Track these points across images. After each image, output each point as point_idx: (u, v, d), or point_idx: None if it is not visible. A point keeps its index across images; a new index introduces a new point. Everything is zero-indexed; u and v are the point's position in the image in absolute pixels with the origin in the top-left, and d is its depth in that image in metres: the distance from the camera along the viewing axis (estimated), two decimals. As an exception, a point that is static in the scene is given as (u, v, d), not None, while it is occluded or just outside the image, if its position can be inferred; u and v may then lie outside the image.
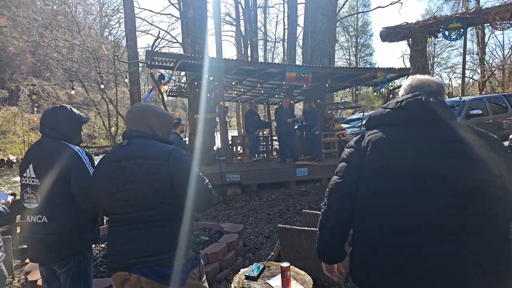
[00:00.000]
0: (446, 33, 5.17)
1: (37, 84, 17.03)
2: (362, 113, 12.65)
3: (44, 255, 1.89)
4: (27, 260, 3.48)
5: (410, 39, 5.52)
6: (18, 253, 4.57)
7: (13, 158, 20.25)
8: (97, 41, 25.13)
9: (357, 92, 26.59)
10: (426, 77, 1.42)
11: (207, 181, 1.64)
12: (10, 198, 3.07)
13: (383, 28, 5.65)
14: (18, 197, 3.58)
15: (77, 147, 2.01)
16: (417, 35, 5.40)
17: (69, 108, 2.09)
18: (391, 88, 10.06)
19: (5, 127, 21.42)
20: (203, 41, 8.93)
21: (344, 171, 1.34)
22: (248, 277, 2.19)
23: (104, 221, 4.91)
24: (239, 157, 8.91)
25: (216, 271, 3.21)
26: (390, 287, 1.18)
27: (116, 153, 1.61)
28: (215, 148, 9.86)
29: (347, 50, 36.79)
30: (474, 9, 5.16)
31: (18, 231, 5.14)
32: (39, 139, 2.04)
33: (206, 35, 9.19)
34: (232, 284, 2.16)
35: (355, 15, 32.90)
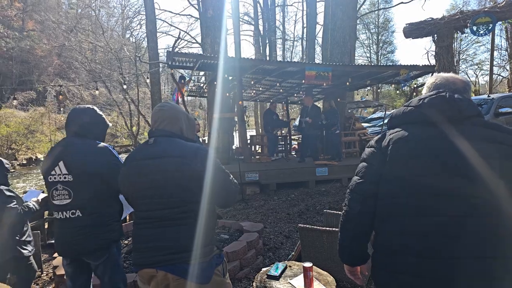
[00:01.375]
0: (474, 28, 4.97)
1: (63, 85, 17.61)
2: (383, 112, 12.38)
3: (79, 248, 1.95)
4: (55, 255, 3.60)
5: (435, 35, 5.34)
6: (46, 248, 4.75)
7: (40, 156, 21.04)
8: (119, 43, 25.78)
9: (378, 90, 26.04)
10: (450, 74, 1.37)
11: (232, 176, 1.66)
12: (41, 196, 3.20)
13: (406, 24, 5.50)
14: (46, 194, 3.73)
15: (106, 144, 2.09)
16: (442, 30, 5.21)
17: (96, 109, 2.17)
18: (415, 86, 9.77)
19: (33, 127, 22.27)
20: (222, 41, 8.98)
21: (364, 171, 1.31)
22: (270, 276, 2.18)
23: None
24: (257, 156, 8.91)
25: (236, 270, 3.22)
26: None
27: (143, 151, 1.63)
28: (233, 147, 9.90)
29: (368, 48, 36.08)
30: (504, 3, 4.94)
31: (46, 226, 5.35)
32: (63, 138, 2.10)
33: (225, 35, 9.24)
34: (254, 283, 2.15)
35: (376, 12, 32.21)
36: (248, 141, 8.98)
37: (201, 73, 9.91)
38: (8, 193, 2.73)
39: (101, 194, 1.97)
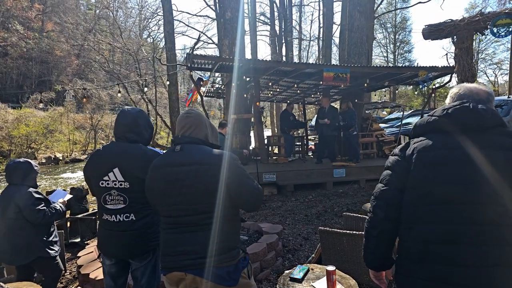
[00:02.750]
0: (494, 30, 4.87)
1: (83, 88, 18.06)
2: (401, 113, 12.19)
3: (129, 250, 2.00)
4: (79, 254, 3.71)
5: (454, 37, 5.25)
6: (68, 247, 4.89)
7: (59, 155, 21.62)
8: (137, 43, 26.23)
9: (395, 90, 25.62)
10: (474, 85, 1.40)
11: (256, 182, 1.69)
12: (67, 198, 3.30)
13: (425, 25, 5.42)
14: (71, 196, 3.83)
15: (158, 149, 2.13)
16: (462, 32, 5.12)
17: (145, 113, 2.19)
18: (433, 87, 9.60)
19: (52, 126, 22.83)
20: (239, 42, 9.05)
21: (388, 179, 1.35)
22: (293, 279, 2.21)
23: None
24: (274, 157, 8.94)
25: (257, 271, 3.26)
26: None
27: (170, 158, 1.67)
28: (250, 148, 9.96)
29: (385, 47, 35.56)
30: (526, 4, 4.81)
31: (68, 225, 5.50)
32: (115, 142, 2.09)
33: (243, 36, 9.33)
34: (277, 286, 2.19)
35: (393, 11, 31.69)
36: (265, 142, 9.01)
37: (217, 74, 9.99)
38: (36, 195, 2.81)
39: None
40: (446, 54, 6.38)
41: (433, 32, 5.38)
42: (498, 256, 1.09)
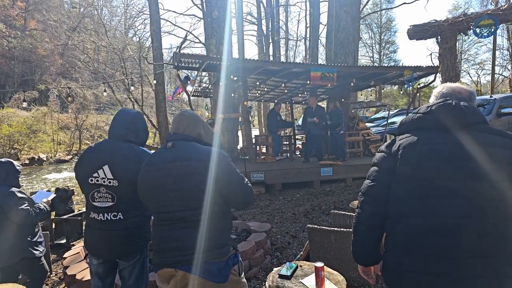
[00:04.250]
0: (477, 30, 5.02)
1: (68, 87, 17.69)
2: (387, 112, 12.40)
3: (117, 249, 1.98)
4: (65, 255, 3.64)
5: (439, 37, 5.39)
6: (54, 248, 4.79)
7: (43, 156, 21.12)
8: (123, 42, 25.86)
9: (381, 90, 26.02)
10: (456, 84, 1.46)
11: (246, 179, 1.71)
12: (51, 197, 3.25)
13: (410, 26, 5.54)
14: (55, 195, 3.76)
15: (149, 150, 2.12)
16: (446, 32, 5.26)
17: (142, 115, 2.19)
18: (418, 86, 9.80)
19: (36, 127, 22.32)
20: (226, 42, 9.04)
21: (375, 175, 1.39)
22: (281, 276, 2.23)
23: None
24: (262, 156, 8.96)
25: (245, 269, 3.27)
26: None
27: (162, 155, 1.69)
28: (238, 147, 9.96)
29: (371, 48, 36.06)
30: (506, 5, 4.98)
31: (53, 226, 5.39)
32: (107, 140, 2.07)
33: (230, 36, 9.30)
34: (266, 283, 2.21)
35: (379, 12, 32.19)
36: (253, 141, 9.03)
37: (204, 73, 9.95)
38: (20, 194, 2.76)
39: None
40: (431, 54, 6.54)
41: (417, 32, 5.50)
42: (481, 248, 1.13)
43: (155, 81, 13.62)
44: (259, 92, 11.59)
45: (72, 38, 27.64)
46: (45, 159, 20.90)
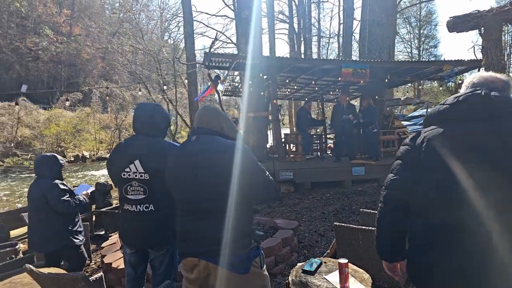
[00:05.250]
0: (526, 20, 4.64)
1: (106, 87, 18.68)
2: (426, 109, 11.84)
3: (148, 239, 2.08)
4: (103, 244, 3.86)
5: (482, 28, 5.04)
6: (93, 239, 5.10)
7: (86, 153, 22.46)
8: (158, 45, 26.77)
9: (420, 87, 24.88)
10: (490, 73, 1.37)
11: (267, 173, 1.72)
12: (91, 190, 3.46)
13: (450, 17, 5.22)
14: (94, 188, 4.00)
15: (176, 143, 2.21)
16: (490, 23, 4.90)
17: (161, 106, 2.27)
18: (460, 82, 9.26)
19: (80, 126, 23.82)
20: (253, 40, 9.06)
21: (399, 168, 1.36)
22: (305, 271, 2.21)
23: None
24: (291, 155, 8.90)
25: (271, 265, 3.28)
26: (447, 284, 1.17)
27: (186, 148, 1.75)
28: (268, 146, 9.96)
29: (409, 43, 34.61)
30: (559, -8, 4.56)
31: (94, 218, 5.73)
32: (135, 136, 2.18)
33: (257, 34, 9.31)
34: (290, 277, 2.20)
35: (418, 5, 30.76)
36: (282, 140, 8.99)
37: (236, 72, 10.05)
38: (62, 186, 2.98)
39: None
40: (473, 46, 6.14)
41: (458, 23, 5.18)
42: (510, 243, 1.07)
43: (186, 80, 13.96)
44: (288, 90, 11.52)
45: (112, 42, 29.09)
46: (88, 156, 22.23)
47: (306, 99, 11.54)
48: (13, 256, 3.59)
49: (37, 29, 29.93)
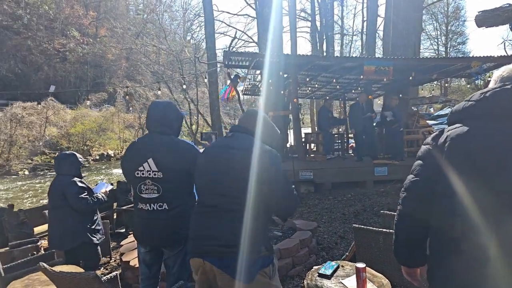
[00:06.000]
0: (562, 13, 4.33)
1: (130, 86, 19.14)
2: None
3: (161, 238, 2.07)
4: (122, 242, 3.91)
5: (513, 23, 4.75)
6: (114, 237, 5.18)
7: (111, 152, 23.12)
8: (181, 45, 27.25)
9: (446, 85, 23.95)
10: None
11: (293, 186, 1.67)
12: (109, 188, 3.51)
13: (479, 12, 4.95)
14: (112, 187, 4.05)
15: (189, 141, 2.21)
16: (522, 17, 4.62)
17: (174, 104, 2.27)
18: (489, 79, 8.81)
19: (105, 125, 24.51)
20: (272, 38, 8.97)
21: (419, 170, 1.27)
22: (321, 275, 2.14)
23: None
24: (312, 155, 8.77)
25: (288, 267, 3.22)
26: None
27: (219, 142, 1.89)
28: (288, 145, 9.87)
29: (435, 40, 33.43)
30: None
31: (115, 216, 5.84)
32: (148, 135, 2.17)
33: (277, 31, 9.20)
34: (305, 281, 2.13)
35: (445, 0, 29.64)
36: (303, 139, 8.87)
37: (257, 72, 10.01)
38: (80, 184, 3.02)
39: (186, 188, 2.07)
40: (504, 42, 5.83)
41: (488, 18, 4.90)
42: None
43: (206, 80, 14.07)
44: (309, 89, 11.36)
45: (136, 43, 29.83)
46: (112, 155, 22.88)
47: (327, 97, 11.33)
48: (35, 252, 3.68)
49: (64, 31, 31.11)
